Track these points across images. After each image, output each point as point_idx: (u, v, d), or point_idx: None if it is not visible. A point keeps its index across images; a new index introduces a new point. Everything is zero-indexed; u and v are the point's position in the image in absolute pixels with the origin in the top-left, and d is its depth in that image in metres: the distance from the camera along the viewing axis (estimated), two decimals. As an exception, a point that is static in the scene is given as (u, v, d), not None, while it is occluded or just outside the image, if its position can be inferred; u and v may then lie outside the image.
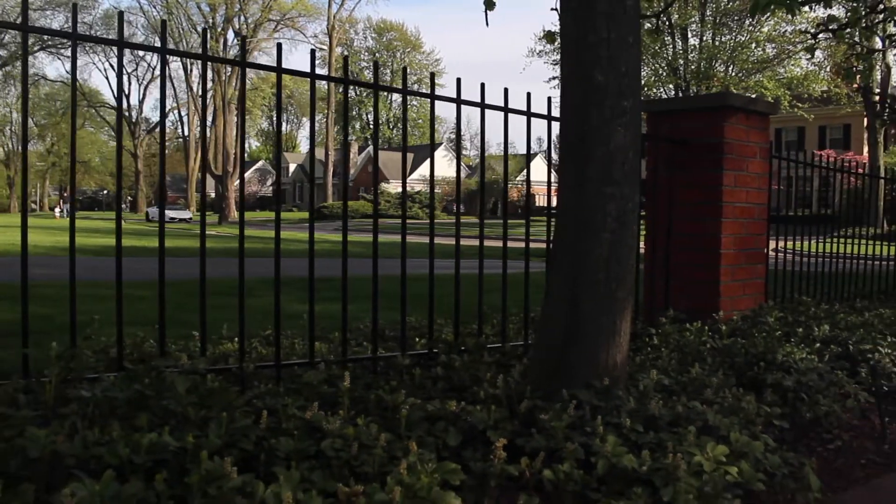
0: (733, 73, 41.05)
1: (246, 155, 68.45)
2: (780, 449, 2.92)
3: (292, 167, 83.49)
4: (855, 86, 33.10)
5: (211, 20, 60.46)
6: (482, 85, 4.24)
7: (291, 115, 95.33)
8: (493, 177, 51.18)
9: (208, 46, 3.73)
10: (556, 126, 4.24)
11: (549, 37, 6.34)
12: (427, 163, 55.70)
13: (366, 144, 77.45)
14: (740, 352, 4.22)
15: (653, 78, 42.01)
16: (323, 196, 62.75)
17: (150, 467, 2.15)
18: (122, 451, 2.16)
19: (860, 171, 7.97)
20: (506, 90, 4.37)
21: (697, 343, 4.45)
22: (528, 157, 4.62)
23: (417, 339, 4.59)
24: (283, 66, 3.60)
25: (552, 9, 4.24)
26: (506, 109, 4.36)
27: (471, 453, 2.66)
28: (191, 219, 52.60)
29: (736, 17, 38.83)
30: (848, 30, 6.76)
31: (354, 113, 78.78)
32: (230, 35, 61.14)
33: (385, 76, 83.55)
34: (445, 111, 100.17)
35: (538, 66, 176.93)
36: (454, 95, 4.17)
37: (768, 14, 4.71)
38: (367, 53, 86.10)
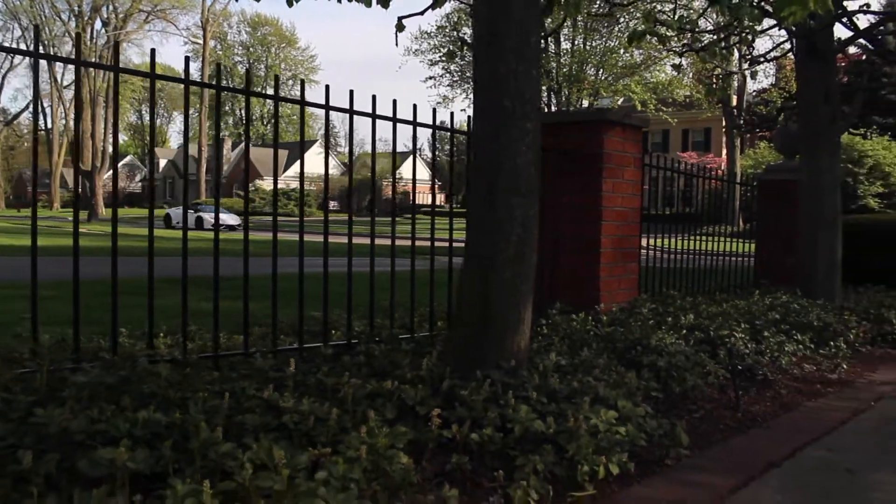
0: (603, 77, 42.69)
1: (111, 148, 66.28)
2: (657, 416, 3.54)
3: (163, 162, 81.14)
4: (716, 100, 35.19)
5: (77, 7, 58.10)
6: (351, 92, 4.53)
7: (162, 110, 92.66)
8: (367, 174, 51.45)
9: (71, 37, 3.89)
10: (422, 132, 4.75)
11: (449, 55, 6.85)
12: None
13: (239, 140, 76.10)
14: (620, 338, 4.86)
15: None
16: (196, 192, 61.49)
17: (148, 439, 2.53)
18: (123, 426, 2.54)
19: (719, 173, 8.85)
20: (374, 97, 4.62)
21: (583, 331, 5.06)
22: (394, 161, 4.88)
23: (333, 332, 5.01)
24: (156, 59, 3.72)
25: (460, 39, 4.73)
26: (373, 115, 4.65)
27: (405, 424, 3.14)
28: (238, 225, 35.92)
29: (605, 24, 40.43)
30: (706, 51, 7.55)
31: (227, 108, 77.36)
32: (97, 24, 58.90)
33: (259, 72, 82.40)
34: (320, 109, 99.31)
35: (414, 65, 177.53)
36: (323, 98, 4.44)
37: (641, 40, 5.33)
38: (241, 48, 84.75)
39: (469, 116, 5.10)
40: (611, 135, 6.23)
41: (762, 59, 8.99)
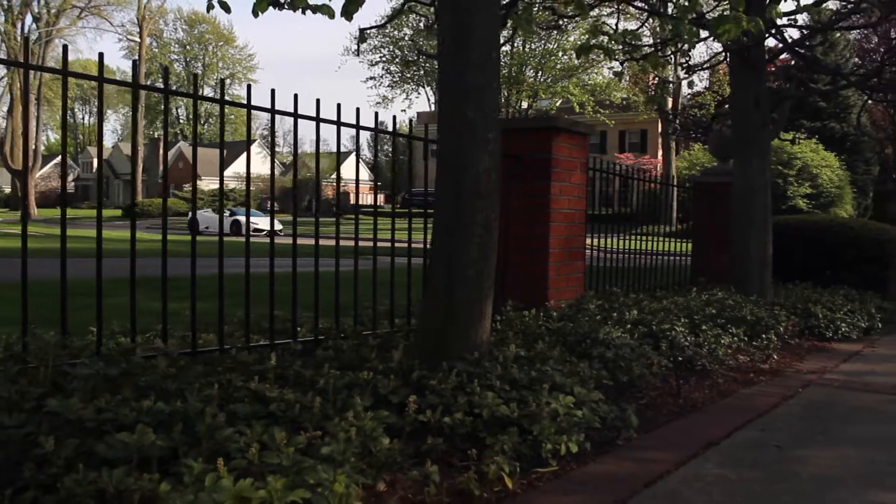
0: (542, 79, 43.31)
1: (43, 148, 64.71)
2: (608, 401, 3.88)
3: (96, 162, 79.50)
4: (654, 105, 36.05)
5: (6, 2, 56.62)
6: (295, 96, 4.62)
7: (93, 108, 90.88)
8: (309, 174, 51.28)
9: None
10: (364, 134, 5.05)
11: (406, 65, 7.11)
12: (239, 159, 53.97)
13: (175, 140, 75.11)
14: (571, 332, 5.19)
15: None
16: (131, 192, 60.41)
17: (154, 425, 2.77)
18: (130, 414, 2.78)
19: (655, 173, 9.28)
20: (317, 101, 4.68)
21: (535, 326, 5.39)
22: (338, 163, 5.08)
23: (298, 329, 5.25)
24: (88, 57, 3.92)
25: (418, 50, 4.99)
26: (317, 119, 4.75)
27: (381, 411, 3.42)
28: (281, 231, 31.81)
29: (543, 28, 41.02)
30: (646, 60, 7.95)
31: (161, 108, 76.08)
32: (28, 20, 57.40)
33: (196, 70, 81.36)
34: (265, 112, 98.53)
35: (354, 65, 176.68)
36: (244, 98, 4.51)
37: (587, 50, 5.65)
38: (177, 45, 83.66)
39: (410, 119, 5.37)
40: (559, 141, 6.57)
41: (698, 68, 9.47)
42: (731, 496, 3.10)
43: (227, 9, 4.75)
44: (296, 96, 4.66)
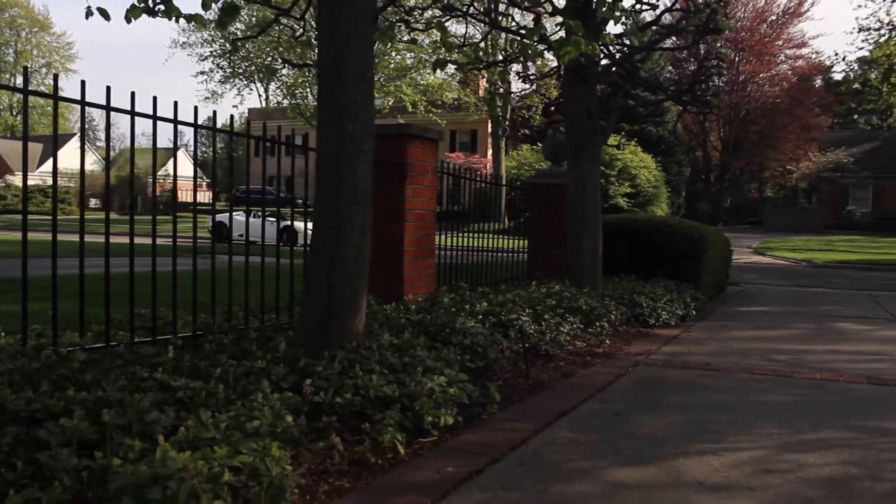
0: (375, 78, 43.72)
1: None
2: (472, 382, 4.41)
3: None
4: (484, 105, 37.32)
5: None
6: (108, 88, 4.39)
7: None
8: (135, 172, 49.49)
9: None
10: (186, 129, 5.40)
11: (271, 72, 7.38)
12: (60, 153, 50.72)
13: (-13, 132, 70.40)
14: (430, 323, 5.70)
15: (300, 79, 43.50)
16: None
17: (83, 414, 3.05)
18: (58, 403, 3.05)
19: (484, 172, 9.96)
20: (132, 94, 4.54)
21: (398, 318, 5.87)
22: (154, 160, 5.04)
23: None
24: None
25: (285, 60, 5.32)
26: (132, 113, 4.59)
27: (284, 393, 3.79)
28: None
29: (400, 42, 41.44)
30: (488, 69, 8.61)
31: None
32: None
33: (7, 57, 76.54)
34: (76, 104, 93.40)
35: (182, 57, 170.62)
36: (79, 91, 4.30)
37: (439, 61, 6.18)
38: (-14, 29, 78.20)
39: (231, 116, 5.59)
40: (412, 146, 7.08)
41: (536, 79, 10.22)
42: (583, 453, 3.70)
43: (106, 17, 4.91)
44: (108, 88, 4.42)
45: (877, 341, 8.07)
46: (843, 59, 78.85)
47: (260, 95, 50.54)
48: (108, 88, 4.44)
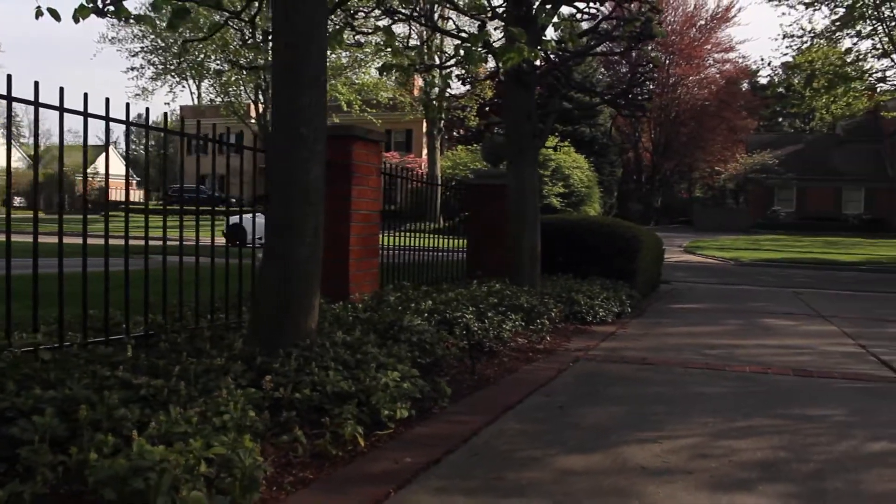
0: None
1: None
2: (421, 377, 4.57)
3: None
4: (420, 105, 37.48)
5: None
6: (36, 83, 4.28)
7: None
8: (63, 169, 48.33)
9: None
10: (115, 126, 5.48)
11: (217, 73, 7.41)
12: None
13: None
14: (379, 321, 5.84)
15: (233, 77, 43.05)
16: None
17: (53, 411, 3.11)
18: (27, 402, 3.11)
19: (420, 172, 10.13)
20: (36, 84, 4.32)
21: (346, 316, 6.00)
22: (85, 156, 4.92)
23: (123, 326, 5.51)
24: None
25: (232, 62, 5.39)
26: (36, 104, 4.34)
27: (247, 389, 3.89)
28: None
29: (345, 47, 41.22)
30: (428, 72, 8.78)
31: None
32: None
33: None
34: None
35: (111, 52, 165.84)
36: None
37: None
38: None
39: (165, 113, 5.58)
40: (357, 148, 7.20)
41: (475, 80, 10.44)
42: (532, 443, 3.89)
43: (57, 17, 4.93)
44: (36, 84, 4.32)
45: (801, 336, 8.47)
46: (769, 63, 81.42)
47: (192, 93, 49.89)
48: (37, 84, 4.33)
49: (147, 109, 5.64)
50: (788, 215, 50.36)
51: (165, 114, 5.53)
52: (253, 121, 42.73)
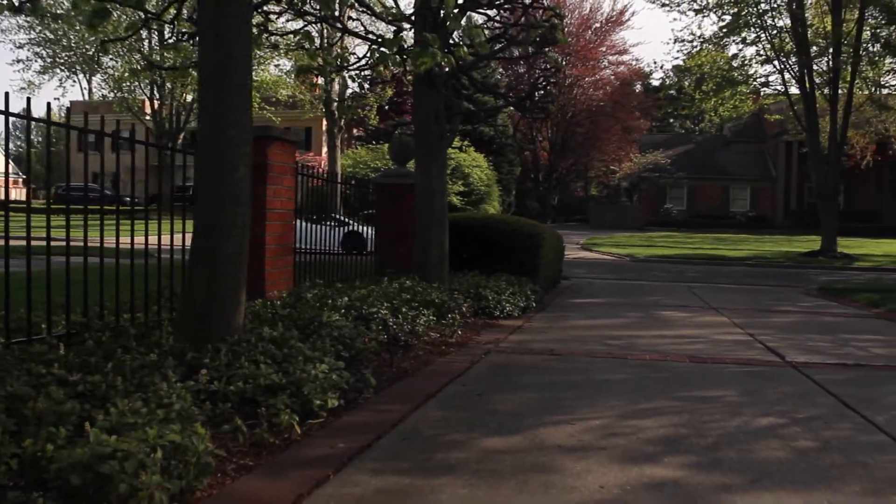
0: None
1: None
2: (346, 370, 4.78)
3: None
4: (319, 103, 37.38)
5: None
6: None
7: None
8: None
9: None
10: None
11: (133, 73, 7.39)
12: None
13: None
14: (299, 317, 6.01)
15: (126, 72, 41.95)
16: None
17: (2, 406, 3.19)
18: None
19: (320, 170, 10.29)
20: None
21: (266, 313, 6.14)
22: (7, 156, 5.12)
23: (43, 326, 5.52)
24: None
25: (150, 63, 5.47)
26: None
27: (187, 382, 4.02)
28: None
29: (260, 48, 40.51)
30: (338, 73, 8.95)
31: None
32: None
33: None
34: None
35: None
36: None
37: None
38: None
39: (48, 103, 5.45)
40: (273, 148, 7.33)
41: (384, 82, 10.65)
42: (455, 427, 4.16)
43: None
44: None
45: (695, 326, 9.03)
46: (661, 66, 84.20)
47: (84, 88, 48.48)
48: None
49: (28, 99, 5.35)
50: (680, 213, 52.31)
51: (49, 104, 5.10)
52: (148, 117, 41.82)
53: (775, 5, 28.78)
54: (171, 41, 7.40)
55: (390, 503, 3.04)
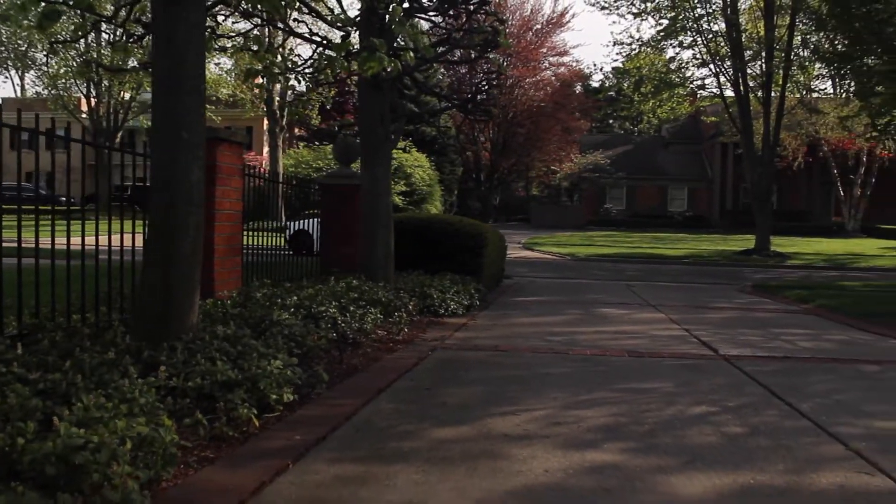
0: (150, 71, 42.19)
1: None
2: (298, 366, 4.93)
3: None
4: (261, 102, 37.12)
5: None
6: None
7: None
8: None
9: None
10: None
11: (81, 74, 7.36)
12: None
13: None
14: (249, 316, 6.13)
15: (62, 69, 41.16)
16: None
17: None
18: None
19: (262, 170, 10.37)
20: None
21: (216, 312, 6.24)
22: None
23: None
24: None
25: (97, 63, 5.54)
26: None
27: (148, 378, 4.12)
28: None
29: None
30: (288, 74, 9.05)
31: None
32: None
33: None
34: None
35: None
36: None
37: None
38: None
39: None
40: (222, 149, 7.42)
41: (327, 82, 10.76)
42: (406, 419, 4.35)
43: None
44: None
45: (634, 323, 9.36)
46: (601, 68, 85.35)
47: (16, 85, 47.44)
48: None
49: None
50: (620, 213, 53.16)
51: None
52: (84, 115, 41.12)
53: (710, 10, 29.60)
54: (117, 41, 7.40)
55: (348, 489, 3.21)
